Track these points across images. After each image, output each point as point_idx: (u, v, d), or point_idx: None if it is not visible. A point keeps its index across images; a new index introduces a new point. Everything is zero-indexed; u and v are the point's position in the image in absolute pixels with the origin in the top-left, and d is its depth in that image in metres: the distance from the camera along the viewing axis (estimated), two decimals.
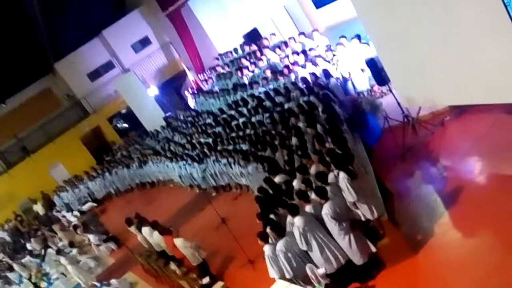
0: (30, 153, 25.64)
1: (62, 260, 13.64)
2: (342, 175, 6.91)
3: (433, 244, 6.85)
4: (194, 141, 15.80)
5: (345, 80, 11.96)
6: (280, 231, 7.01)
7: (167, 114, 23.54)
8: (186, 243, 9.51)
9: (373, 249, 6.90)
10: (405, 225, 7.58)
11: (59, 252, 14.19)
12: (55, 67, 26.39)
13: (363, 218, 7.07)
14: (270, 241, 7.09)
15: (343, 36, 12.05)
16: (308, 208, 6.93)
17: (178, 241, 9.60)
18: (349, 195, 6.87)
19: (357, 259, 6.80)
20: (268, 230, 7.20)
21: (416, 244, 7.01)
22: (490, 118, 8.46)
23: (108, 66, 27.11)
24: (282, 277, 6.90)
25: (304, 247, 6.76)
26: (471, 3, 6.71)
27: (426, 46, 7.86)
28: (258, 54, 15.53)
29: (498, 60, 6.80)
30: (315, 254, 6.76)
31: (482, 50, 6.99)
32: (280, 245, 6.85)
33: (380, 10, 8.38)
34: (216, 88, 17.59)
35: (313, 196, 6.95)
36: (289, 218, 7.15)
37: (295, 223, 6.77)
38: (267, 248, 7.02)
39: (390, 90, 9.92)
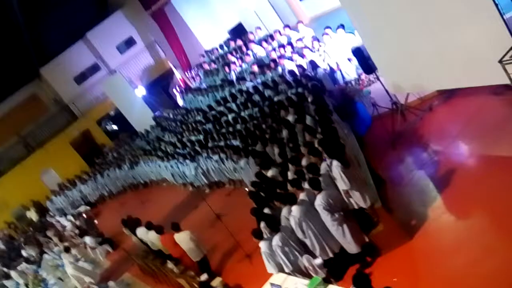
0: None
1: (66, 259, 13.36)
2: (335, 163, 6.91)
3: (427, 229, 6.90)
4: (184, 139, 15.74)
5: (332, 70, 11.98)
6: (275, 226, 6.97)
7: (156, 114, 23.45)
8: (192, 235, 9.41)
9: (366, 239, 6.95)
10: (399, 211, 7.63)
11: (67, 250, 13.80)
12: (41, 72, 26.13)
13: (356, 207, 7.10)
14: (265, 237, 7.06)
15: (328, 27, 12.05)
16: (303, 196, 6.94)
17: (182, 234, 9.48)
18: (343, 183, 6.86)
19: (351, 249, 6.84)
20: (261, 226, 7.20)
21: (410, 229, 7.05)
22: (478, 101, 8.51)
23: (94, 68, 26.88)
24: (281, 271, 6.89)
25: (300, 235, 6.78)
26: None
27: (411, 32, 7.88)
28: (244, 49, 15.51)
29: (482, 42, 6.84)
30: (311, 243, 6.79)
31: (466, 33, 7.02)
32: (276, 240, 6.81)
33: None
34: (204, 85, 17.55)
35: (306, 186, 6.97)
36: (283, 212, 7.17)
37: (292, 212, 6.78)
38: (262, 245, 6.98)
39: (378, 78, 9.96)
